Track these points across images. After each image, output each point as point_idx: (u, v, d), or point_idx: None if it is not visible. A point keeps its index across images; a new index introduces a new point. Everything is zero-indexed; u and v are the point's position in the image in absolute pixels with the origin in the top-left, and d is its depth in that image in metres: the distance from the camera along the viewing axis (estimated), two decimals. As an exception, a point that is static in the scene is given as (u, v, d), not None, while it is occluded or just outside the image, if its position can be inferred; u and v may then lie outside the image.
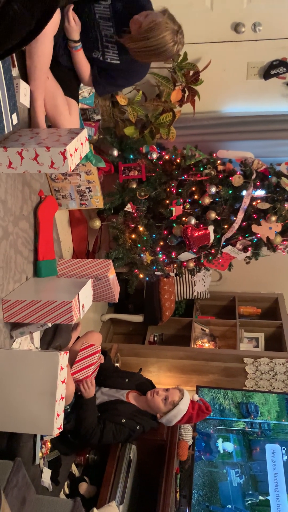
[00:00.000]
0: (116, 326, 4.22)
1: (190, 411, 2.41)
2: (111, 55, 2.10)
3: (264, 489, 2.76)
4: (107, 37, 2.07)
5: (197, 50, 2.89)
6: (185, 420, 2.44)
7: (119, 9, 1.99)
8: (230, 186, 2.78)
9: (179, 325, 4.16)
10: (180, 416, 2.39)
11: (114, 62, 2.12)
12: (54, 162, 1.78)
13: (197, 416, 2.45)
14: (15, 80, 1.88)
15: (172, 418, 2.39)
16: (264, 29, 2.82)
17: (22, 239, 2.09)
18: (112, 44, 2.08)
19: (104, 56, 2.11)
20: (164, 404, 2.38)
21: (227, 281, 4.27)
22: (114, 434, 2.28)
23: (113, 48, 2.09)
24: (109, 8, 2.00)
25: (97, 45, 2.09)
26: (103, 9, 2.01)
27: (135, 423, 2.33)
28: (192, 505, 2.68)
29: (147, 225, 2.85)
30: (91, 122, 2.80)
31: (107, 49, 2.09)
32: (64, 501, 1.91)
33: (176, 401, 2.38)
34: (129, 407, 2.37)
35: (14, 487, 1.66)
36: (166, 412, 2.38)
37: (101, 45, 2.09)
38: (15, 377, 1.78)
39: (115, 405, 2.37)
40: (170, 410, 2.37)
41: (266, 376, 3.50)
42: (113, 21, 2.03)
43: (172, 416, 2.39)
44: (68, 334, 2.41)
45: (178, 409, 2.38)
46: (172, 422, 2.41)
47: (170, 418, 2.39)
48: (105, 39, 2.08)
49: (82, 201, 2.62)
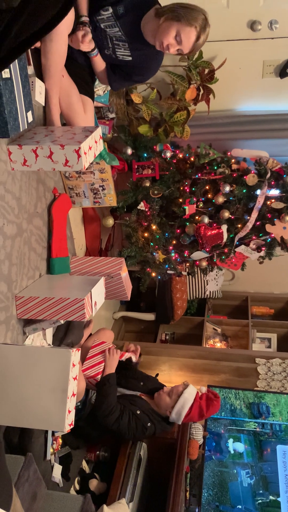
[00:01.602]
0: (127, 324, 4.23)
1: (198, 400, 2.39)
2: (122, 52, 2.09)
3: (275, 490, 2.74)
4: (116, 38, 2.08)
5: (213, 48, 2.87)
6: (196, 413, 2.40)
7: (122, 13, 1.98)
8: (244, 185, 2.76)
9: (191, 324, 4.15)
10: (187, 406, 2.36)
11: (126, 59, 2.11)
12: (68, 160, 1.79)
13: (207, 406, 2.41)
14: (30, 78, 1.89)
15: (180, 409, 2.36)
16: (281, 27, 2.79)
17: (36, 236, 2.10)
18: (123, 42, 2.07)
19: (116, 53, 2.11)
20: (170, 397, 2.38)
21: (240, 280, 4.25)
22: (130, 421, 2.28)
23: (124, 46, 2.08)
24: (112, 16, 2.00)
25: (106, 44, 2.10)
26: (106, 19, 2.01)
27: (148, 418, 2.33)
28: (202, 505, 2.67)
29: (160, 224, 2.85)
30: (105, 120, 2.81)
31: (118, 47, 2.09)
32: (74, 497, 1.93)
33: (180, 391, 2.39)
34: (145, 404, 2.38)
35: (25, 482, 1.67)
36: (173, 405, 2.37)
37: (111, 44, 2.09)
38: (27, 373, 1.79)
39: (133, 397, 2.39)
40: (176, 402, 2.37)
41: (278, 377, 3.48)
42: (118, 25, 2.02)
43: (180, 407, 2.36)
44: (80, 331, 2.42)
45: (183, 398, 2.36)
46: (181, 414, 2.37)
47: (178, 410, 2.36)
48: (114, 39, 2.08)
49: (95, 199, 2.63)
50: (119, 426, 2.26)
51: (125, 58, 2.12)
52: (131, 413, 2.30)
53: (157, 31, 1.96)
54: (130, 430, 2.30)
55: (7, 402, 1.79)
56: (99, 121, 2.74)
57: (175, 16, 1.89)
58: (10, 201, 1.85)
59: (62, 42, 1.89)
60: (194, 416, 2.41)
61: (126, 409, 2.29)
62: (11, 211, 1.86)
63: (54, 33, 1.83)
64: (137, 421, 2.30)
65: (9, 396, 1.79)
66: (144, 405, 2.36)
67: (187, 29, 1.90)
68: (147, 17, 2.00)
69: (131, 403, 2.34)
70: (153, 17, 1.97)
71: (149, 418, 2.33)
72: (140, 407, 2.33)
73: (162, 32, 1.93)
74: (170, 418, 2.40)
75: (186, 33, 1.91)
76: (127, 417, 2.27)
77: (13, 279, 1.90)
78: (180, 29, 1.90)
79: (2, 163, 1.79)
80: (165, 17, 1.91)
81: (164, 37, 1.93)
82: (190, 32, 1.91)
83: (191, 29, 1.90)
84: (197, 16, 1.91)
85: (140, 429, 2.32)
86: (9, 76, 1.56)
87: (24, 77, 1.67)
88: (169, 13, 1.90)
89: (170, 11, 1.90)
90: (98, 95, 2.55)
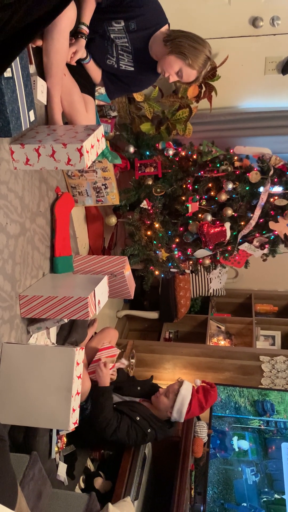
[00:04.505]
0: (131, 322, 4.23)
1: (195, 394, 2.40)
2: (125, 63, 2.16)
3: (280, 487, 2.73)
4: (122, 47, 2.12)
5: (215, 45, 2.84)
6: (196, 408, 2.40)
7: (133, 28, 2.05)
8: (247, 182, 2.75)
9: (194, 322, 4.15)
10: (186, 403, 2.36)
11: (129, 69, 2.17)
12: (70, 159, 1.78)
13: (206, 398, 2.41)
14: (32, 77, 1.89)
15: (180, 407, 2.36)
16: (283, 23, 2.78)
17: (39, 236, 2.10)
18: (128, 53, 2.13)
19: (119, 63, 2.16)
20: (167, 397, 2.38)
21: (243, 278, 4.25)
22: (129, 429, 2.28)
23: (128, 57, 2.15)
24: (123, 29, 2.05)
25: (111, 53, 2.14)
26: (117, 30, 2.06)
27: (148, 425, 2.32)
28: (207, 502, 2.67)
29: (163, 222, 2.84)
30: (107, 118, 2.80)
31: (122, 57, 2.15)
32: (79, 496, 1.93)
33: (176, 389, 2.39)
34: (145, 410, 2.37)
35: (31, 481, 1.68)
36: (172, 404, 2.37)
37: (116, 53, 2.14)
38: (32, 372, 1.80)
39: (133, 404, 2.38)
40: (175, 400, 2.37)
41: (283, 375, 3.47)
42: (128, 38, 2.08)
43: (179, 405, 2.36)
44: (84, 330, 2.42)
45: (181, 396, 2.37)
46: (182, 412, 2.37)
47: (178, 408, 2.37)
48: (120, 48, 2.12)
49: (98, 198, 2.63)
50: (118, 437, 2.27)
51: (128, 69, 2.17)
52: (130, 420, 2.29)
53: (162, 57, 2.07)
54: (130, 439, 2.31)
55: (12, 401, 1.79)
56: (101, 120, 2.73)
57: (180, 54, 2.00)
58: (13, 200, 1.85)
59: (64, 41, 1.89)
60: (195, 410, 2.41)
61: (124, 418, 2.28)
62: (14, 210, 1.86)
63: (56, 31, 1.83)
64: (137, 428, 2.30)
65: (14, 395, 1.79)
66: (144, 411, 2.35)
67: (189, 70, 2.04)
68: (156, 38, 2.07)
69: (130, 409, 2.33)
70: (161, 41, 2.05)
71: (149, 424, 2.32)
72: (140, 413, 2.32)
73: (166, 64, 2.05)
74: (172, 418, 2.40)
75: (187, 73, 2.05)
76: (126, 426, 2.27)
77: (16, 278, 1.91)
78: (183, 67, 2.03)
79: (4, 162, 1.79)
80: (170, 51, 2.02)
81: (167, 69, 2.06)
82: (191, 73, 2.06)
83: (193, 71, 2.05)
84: (200, 56, 2.02)
85: (140, 435, 2.31)
86: (11, 75, 1.56)
87: (26, 76, 1.66)
88: (175, 48, 2.00)
89: (176, 47, 2.00)
90: (100, 93, 2.54)
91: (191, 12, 2.76)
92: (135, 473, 2.43)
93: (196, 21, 2.77)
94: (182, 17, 2.75)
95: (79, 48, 1.99)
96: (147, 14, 2.01)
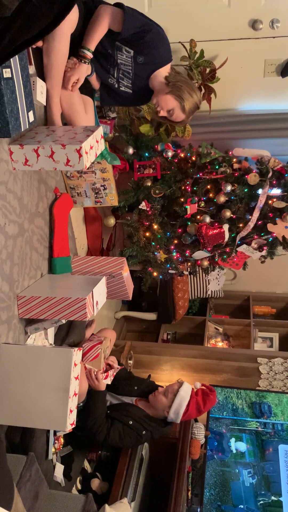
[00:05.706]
0: (129, 323, 4.23)
1: (194, 397, 2.39)
2: (125, 85, 2.27)
3: (277, 490, 2.74)
4: (124, 72, 2.21)
5: (214, 47, 2.87)
6: (194, 410, 2.39)
7: (141, 61, 2.17)
8: (246, 184, 2.76)
9: (192, 324, 4.15)
10: (184, 404, 2.35)
11: (127, 91, 2.30)
12: (69, 160, 1.79)
13: (204, 401, 2.40)
14: (31, 78, 1.89)
15: (178, 408, 2.35)
16: (282, 26, 2.78)
17: (38, 236, 2.10)
18: (129, 78, 2.24)
19: (119, 84, 2.26)
20: (166, 397, 2.37)
21: (241, 280, 4.25)
22: (121, 435, 2.26)
23: (128, 82, 2.26)
24: (131, 59, 2.16)
25: (113, 74, 2.22)
26: (125, 58, 2.16)
27: (142, 427, 2.31)
28: (203, 504, 2.67)
29: (162, 223, 2.85)
30: (106, 120, 2.81)
31: (122, 80, 2.25)
32: (76, 497, 1.93)
33: (175, 389, 2.38)
34: (139, 411, 2.36)
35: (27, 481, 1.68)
36: (170, 404, 2.36)
37: (117, 75, 2.23)
38: (29, 372, 1.80)
39: (125, 407, 2.37)
40: (173, 401, 2.36)
41: (280, 377, 3.47)
42: (133, 68, 2.19)
43: (177, 405, 2.35)
44: (82, 331, 2.42)
45: (180, 396, 2.36)
46: (179, 413, 2.36)
47: (176, 409, 2.36)
48: (122, 72, 2.22)
49: (97, 199, 2.63)
50: (109, 444, 2.27)
51: (126, 90, 2.29)
52: (122, 426, 2.27)
53: (159, 92, 2.25)
54: (125, 443, 2.30)
55: (9, 402, 1.79)
56: (100, 121, 2.74)
57: (178, 97, 2.23)
58: (11, 200, 1.85)
59: (65, 42, 1.90)
60: (192, 413, 2.40)
61: (116, 424, 2.27)
62: (13, 211, 1.86)
63: (57, 32, 1.84)
64: (130, 433, 2.29)
65: (11, 396, 1.79)
66: (137, 413, 2.34)
67: (180, 113, 2.28)
68: (158, 74, 2.23)
69: (123, 414, 2.32)
70: (163, 78, 2.23)
71: (142, 426, 2.31)
72: (132, 417, 2.31)
73: (163, 101, 2.25)
74: (168, 418, 2.39)
75: (177, 114, 2.29)
76: (117, 432, 2.26)
77: (15, 278, 1.91)
78: (176, 109, 2.26)
79: (3, 163, 1.79)
80: (170, 91, 2.23)
81: (162, 105, 2.26)
82: (181, 116, 2.31)
83: (183, 115, 2.30)
84: (193, 103, 2.28)
85: (134, 438, 2.30)
86: (11, 75, 1.56)
87: (26, 76, 1.67)
88: (175, 91, 2.22)
89: (177, 90, 2.22)
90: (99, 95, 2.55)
91: (191, 15, 2.76)
92: (132, 475, 2.43)
93: (196, 23, 2.78)
94: (182, 20, 2.75)
95: (81, 77, 2.06)
96: (157, 54, 2.17)
